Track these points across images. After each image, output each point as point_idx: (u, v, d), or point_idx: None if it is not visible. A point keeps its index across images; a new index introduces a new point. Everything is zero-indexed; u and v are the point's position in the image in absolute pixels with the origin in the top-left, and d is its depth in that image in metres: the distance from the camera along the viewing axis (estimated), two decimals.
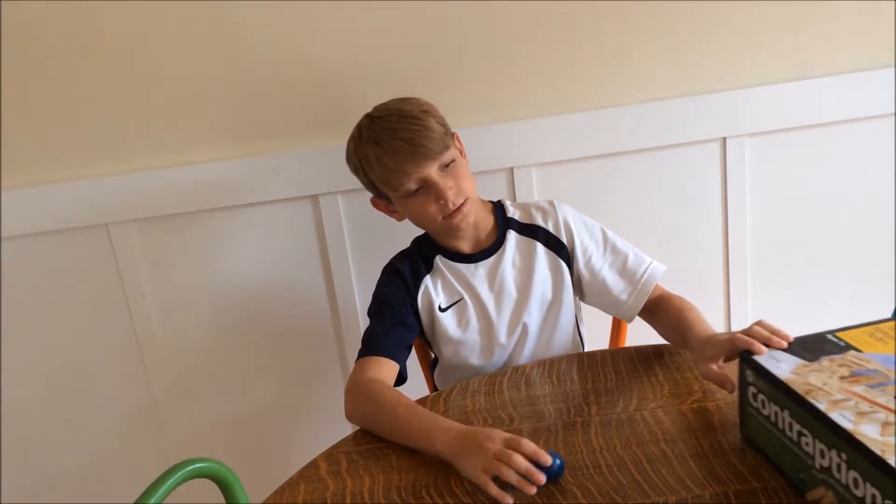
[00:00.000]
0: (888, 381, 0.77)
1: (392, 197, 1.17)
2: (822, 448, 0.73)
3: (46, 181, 1.41)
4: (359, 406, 1.05)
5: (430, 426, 0.94)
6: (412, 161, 1.10)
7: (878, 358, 0.81)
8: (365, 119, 1.17)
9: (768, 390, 0.81)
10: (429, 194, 1.13)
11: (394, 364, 1.12)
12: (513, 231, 1.23)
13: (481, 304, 1.21)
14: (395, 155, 1.10)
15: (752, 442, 0.87)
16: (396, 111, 1.14)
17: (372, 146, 1.12)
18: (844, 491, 0.70)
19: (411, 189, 1.13)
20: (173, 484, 0.84)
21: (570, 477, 0.86)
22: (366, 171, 1.16)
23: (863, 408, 0.72)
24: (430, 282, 1.21)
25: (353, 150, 1.18)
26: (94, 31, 1.34)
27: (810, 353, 0.84)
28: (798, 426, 0.76)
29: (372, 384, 1.06)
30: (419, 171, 1.11)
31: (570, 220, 1.23)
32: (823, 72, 1.44)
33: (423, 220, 1.17)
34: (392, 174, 1.12)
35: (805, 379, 0.78)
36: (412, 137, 1.10)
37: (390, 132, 1.11)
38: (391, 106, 1.16)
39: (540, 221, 1.23)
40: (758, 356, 0.84)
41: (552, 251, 1.22)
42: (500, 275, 1.21)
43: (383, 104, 1.18)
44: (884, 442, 0.67)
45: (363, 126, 1.16)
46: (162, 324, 1.50)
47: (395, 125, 1.12)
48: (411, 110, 1.14)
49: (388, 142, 1.11)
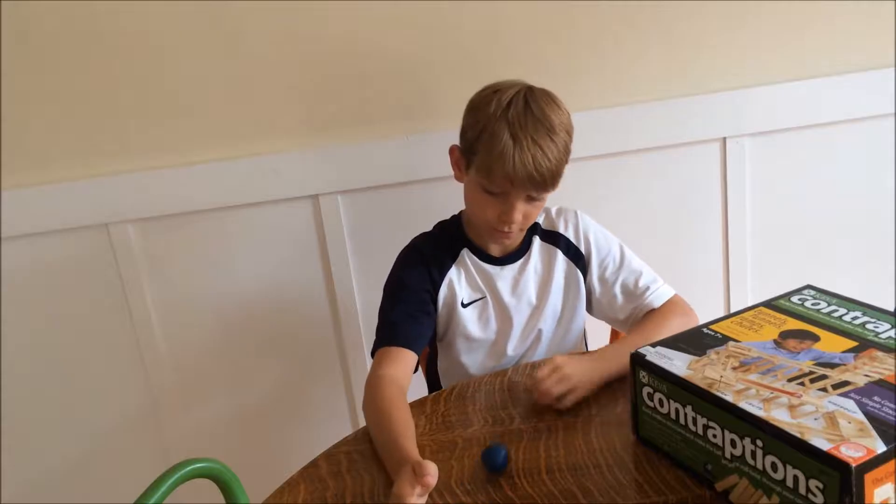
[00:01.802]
0: (774, 366, 0.81)
1: (472, 169, 1.11)
2: (734, 438, 0.75)
3: (46, 181, 1.41)
4: (369, 406, 1.04)
5: (389, 458, 0.91)
6: (520, 179, 1.05)
7: (755, 346, 0.86)
8: (522, 98, 1.07)
9: (667, 388, 0.83)
10: (500, 203, 1.09)
11: (413, 356, 1.10)
12: (537, 237, 1.22)
13: (502, 305, 1.20)
14: (515, 162, 1.04)
15: (647, 441, 0.88)
16: (548, 123, 1.06)
17: (507, 132, 1.05)
18: (761, 476, 0.72)
19: (490, 189, 1.09)
20: (173, 484, 0.83)
21: (570, 477, 0.86)
22: (480, 135, 1.08)
23: (764, 394, 0.76)
24: (454, 274, 1.18)
25: (488, 110, 1.07)
26: (94, 31, 1.34)
27: (695, 347, 0.87)
28: (704, 420, 0.78)
29: (380, 381, 1.05)
30: (516, 189, 1.07)
31: (590, 231, 1.22)
32: (823, 72, 1.45)
33: (476, 211, 1.14)
34: (495, 167, 1.05)
35: (703, 373, 0.81)
36: (540, 162, 1.04)
37: (531, 141, 1.04)
38: (548, 112, 1.07)
39: (562, 229, 1.22)
40: (648, 356, 0.86)
41: (571, 260, 1.21)
42: (523, 280, 1.20)
43: (543, 97, 1.08)
44: (798, 424, 0.70)
45: (516, 102, 1.07)
46: (162, 323, 1.50)
47: (539, 139, 1.05)
48: (557, 137, 1.07)
49: (520, 146, 1.04)
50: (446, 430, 0.98)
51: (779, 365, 0.81)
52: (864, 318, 0.88)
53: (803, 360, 0.81)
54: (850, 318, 0.89)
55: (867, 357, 0.80)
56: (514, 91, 1.09)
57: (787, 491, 0.70)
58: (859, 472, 0.64)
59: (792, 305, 0.94)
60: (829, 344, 0.84)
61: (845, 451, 0.65)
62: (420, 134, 1.42)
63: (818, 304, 0.93)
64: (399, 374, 1.07)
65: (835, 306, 0.92)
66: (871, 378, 0.76)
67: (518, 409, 1.02)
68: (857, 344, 0.83)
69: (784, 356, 0.83)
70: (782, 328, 0.89)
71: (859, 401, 0.72)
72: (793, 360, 0.82)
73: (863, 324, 0.87)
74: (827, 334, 0.86)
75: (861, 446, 0.65)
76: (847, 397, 0.73)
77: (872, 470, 0.64)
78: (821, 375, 0.78)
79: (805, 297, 0.96)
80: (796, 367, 0.80)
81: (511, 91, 1.09)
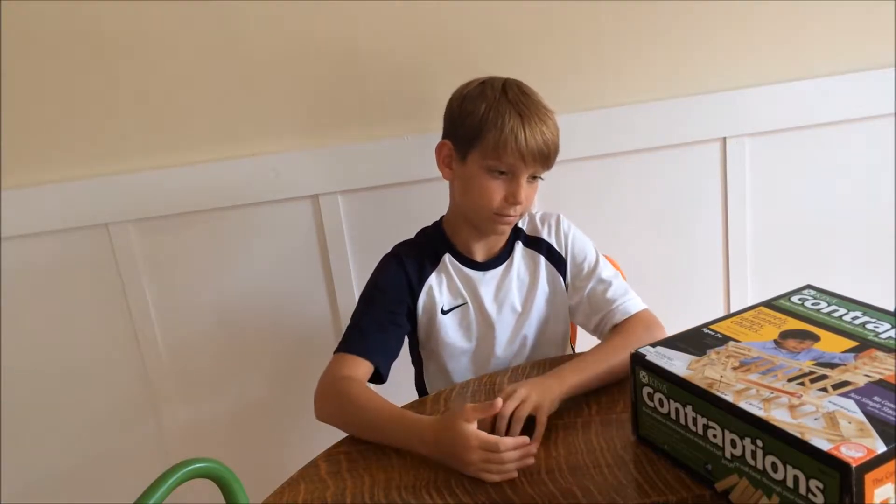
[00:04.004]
0: (774, 366, 0.81)
1: (475, 156, 1.12)
2: (734, 438, 0.75)
3: (46, 181, 1.41)
4: (327, 405, 1.05)
5: (406, 430, 0.95)
6: (531, 153, 1.08)
7: (755, 345, 0.86)
8: (514, 85, 1.13)
9: (667, 389, 0.83)
10: (506, 184, 1.11)
11: (370, 367, 1.10)
12: (520, 242, 1.22)
13: (484, 311, 1.20)
14: (527, 136, 1.08)
15: (647, 441, 0.88)
16: (543, 106, 1.12)
17: (513, 110, 1.09)
18: (761, 476, 0.73)
19: (499, 168, 1.10)
20: (173, 484, 0.84)
21: (571, 477, 0.86)
22: (484, 118, 1.10)
23: (765, 394, 0.76)
24: (434, 281, 1.19)
25: (485, 97, 1.11)
26: (94, 31, 1.34)
27: (695, 347, 0.87)
28: (704, 420, 0.78)
29: (342, 382, 1.05)
30: (525, 166, 1.09)
31: (570, 236, 1.22)
32: (823, 72, 1.45)
33: (478, 200, 1.12)
34: (506, 145, 1.08)
35: (703, 374, 0.81)
36: (546, 140, 1.09)
37: (536, 118, 1.09)
38: (537, 97, 1.14)
39: (545, 235, 1.22)
40: (648, 356, 0.86)
41: (553, 265, 1.21)
42: (506, 286, 1.20)
43: (524, 90, 1.13)
44: (798, 424, 0.70)
45: (509, 87, 1.12)
46: (162, 323, 1.50)
47: (542, 117, 1.10)
48: (551, 117, 1.12)
49: (529, 122, 1.08)
50: None
51: (779, 365, 0.81)
52: (864, 318, 0.88)
53: (803, 360, 0.81)
54: (850, 318, 0.89)
55: (867, 357, 0.80)
56: (501, 80, 1.14)
57: (787, 491, 0.70)
58: (859, 472, 0.64)
59: (792, 305, 0.94)
60: (829, 344, 0.84)
61: (845, 451, 0.65)
62: (420, 134, 1.42)
63: (818, 304, 0.93)
64: (354, 376, 1.07)
65: (835, 306, 0.92)
66: (871, 378, 0.76)
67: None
68: (857, 344, 0.83)
69: (784, 356, 0.83)
70: (782, 328, 0.89)
71: (859, 401, 0.72)
72: (793, 360, 0.82)
73: (863, 324, 0.87)
74: (827, 334, 0.86)
75: (861, 446, 0.66)
76: (847, 397, 0.73)
77: (872, 470, 0.64)
78: (821, 375, 0.78)
79: (805, 297, 0.96)
80: (796, 367, 0.80)
81: (498, 80, 1.14)
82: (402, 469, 0.92)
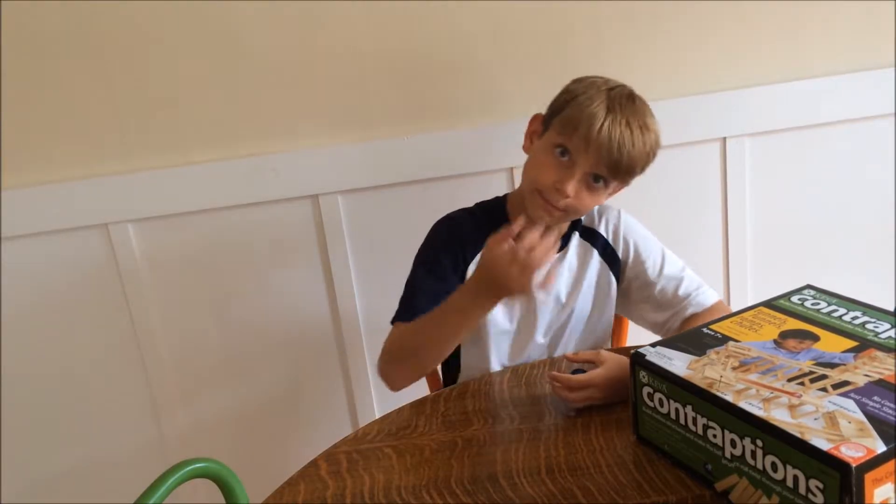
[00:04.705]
0: (774, 366, 0.81)
1: (549, 131, 1.09)
2: (734, 438, 0.75)
3: (46, 181, 1.41)
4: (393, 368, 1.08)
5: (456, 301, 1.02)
6: (597, 146, 1.04)
7: (755, 345, 0.86)
8: (628, 90, 1.09)
9: (667, 388, 0.83)
10: (562, 169, 1.06)
11: None
12: (577, 233, 1.20)
13: (530, 297, 1.16)
14: (603, 127, 1.04)
15: (647, 441, 0.88)
16: (644, 119, 1.08)
17: (605, 102, 1.05)
18: (761, 476, 0.73)
19: (563, 146, 1.06)
20: (173, 484, 0.84)
21: (570, 477, 0.86)
22: (576, 97, 1.08)
23: (765, 394, 0.76)
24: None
25: (592, 85, 1.09)
26: (94, 31, 1.34)
27: (695, 347, 0.87)
28: (704, 420, 0.78)
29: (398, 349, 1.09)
30: (587, 156, 1.05)
31: (630, 234, 1.20)
32: (823, 72, 1.45)
33: (534, 174, 1.10)
34: (580, 124, 1.04)
35: (703, 373, 0.81)
36: (624, 141, 1.04)
37: (625, 121, 1.05)
38: (648, 113, 1.09)
39: (601, 228, 1.20)
40: (648, 356, 0.87)
41: (606, 262, 1.19)
42: (556, 275, 1.17)
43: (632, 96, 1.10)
44: (798, 424, 0.70)
45: (620, 87, 1.09)
46: (162, 324, 1.50)
47: (632, 123, 1.05)
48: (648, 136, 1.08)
49: (613, 117, 1.04)
50: (446, 430, 0.98)
51: (779, 365, 0.81)
52: (864, 318, 0.88)
53: (803, 360, 0.81)
54: (850, 318, 0.89)
55: (867, 357, 0.80)
56: (619, 82, 1.11)
57: (787, 491, 0.70)
58: (859, 471, 0.64)
59: (792, 305, 0.94)
60: (829, 344, 0.84)
61: (845, 451, 0.65)
62: (420, 134, 1.42)
63: (818, 303, 0.93)
64: None
65: (835, 306, 0.92)
66: (871, 378, 0.76)
67: (518, 410, 1.02)
68: (857, 344, 0.83)
69: (784, 356, 0.83)
70: (782, 328, 0.89)
71: (859, 401, 0.72)
72: (793, 360, 0.82)
73: (863, 324, 0.87)
74: (827, 334, 0.86)
75: (861, 446, 0.66)
76: (847, 397, 0.73)
77: (872, 470, 0.64)
78: (821, 375, 0.78)
79: (805, 297, 0.96)
80: (796, 367, 0.80)
81: (616, 82, 1.11)
82: (401, 470, 0.92)
